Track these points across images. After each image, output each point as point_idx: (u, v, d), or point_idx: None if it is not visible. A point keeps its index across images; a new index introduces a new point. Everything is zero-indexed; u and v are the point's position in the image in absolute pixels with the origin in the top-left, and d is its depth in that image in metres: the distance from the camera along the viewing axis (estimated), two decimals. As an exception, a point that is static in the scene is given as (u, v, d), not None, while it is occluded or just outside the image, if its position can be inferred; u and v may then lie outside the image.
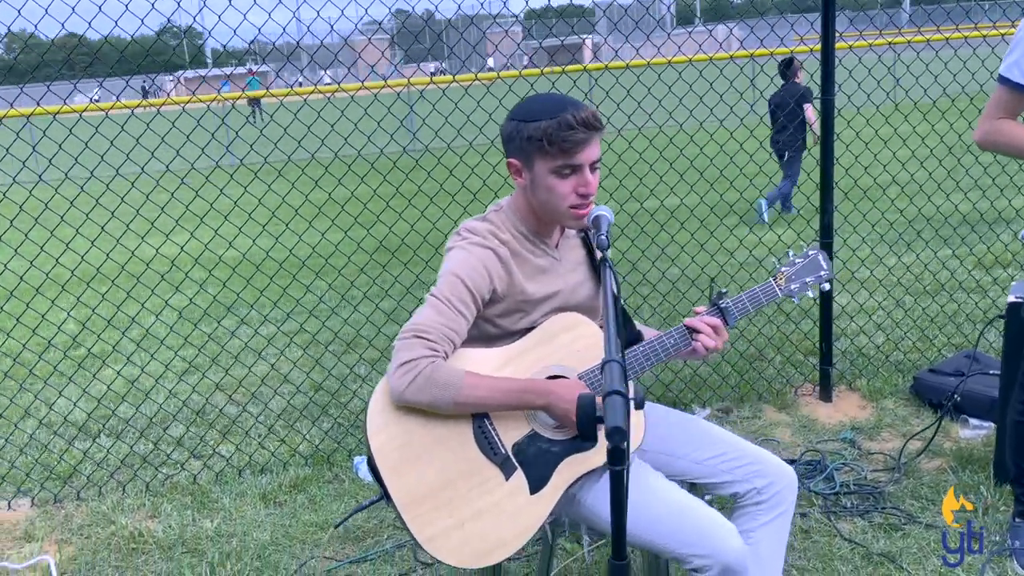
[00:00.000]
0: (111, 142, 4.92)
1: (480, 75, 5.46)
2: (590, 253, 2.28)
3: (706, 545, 1.96)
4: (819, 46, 3.76)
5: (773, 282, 2.26)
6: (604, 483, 2.09)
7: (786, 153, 8.22)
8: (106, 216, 4.61)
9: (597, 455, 2.06)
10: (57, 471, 3.91)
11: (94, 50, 4.51)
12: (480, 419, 2.02)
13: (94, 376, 5.15)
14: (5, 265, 4.86)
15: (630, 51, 4.65)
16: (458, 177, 4.69)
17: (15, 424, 4.36)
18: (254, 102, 22.56)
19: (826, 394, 4.12)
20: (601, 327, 2.34)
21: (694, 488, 2.31)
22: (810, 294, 2.32)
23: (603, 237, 1.87)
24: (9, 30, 3.57)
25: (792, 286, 2.28)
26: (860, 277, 5.66)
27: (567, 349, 2.09)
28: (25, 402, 4.71)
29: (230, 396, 4.49)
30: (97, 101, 4.61)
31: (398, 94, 5.40)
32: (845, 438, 3.73)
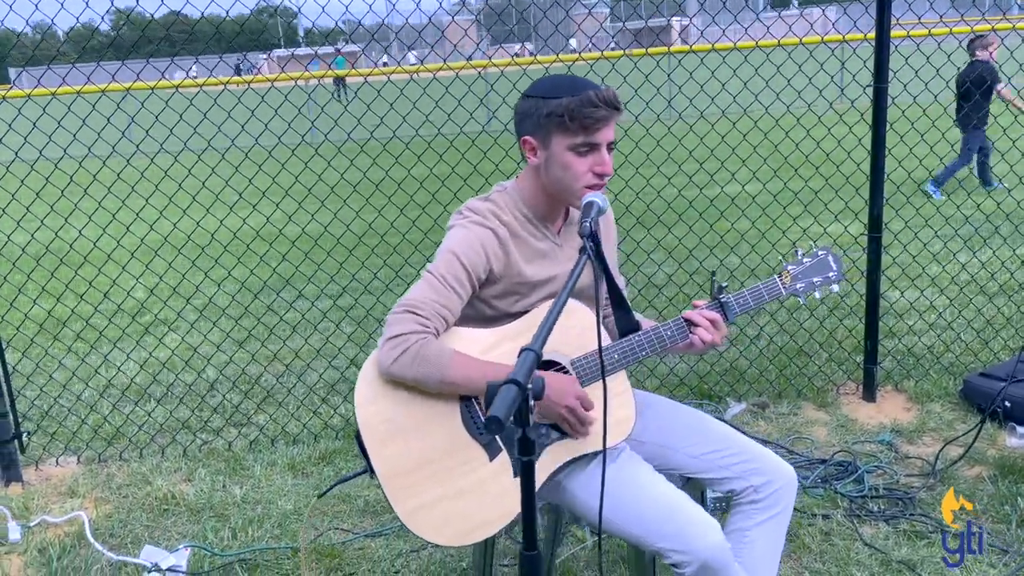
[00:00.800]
0: (204, 114, 5.10)
1: (562, 56, 5.39)
2: (594, 240, 2.25)
3: (684, 540, 1.92)
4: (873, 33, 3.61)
5: (778, 279, 2.19)
6: (591, 471, 2.07)
7: (967, 130, 8.03)
8: (190, 187, 4.77)
9: (585, 443, 2.05)
10: (104, 432, 4.09)
11: (192, 27, 4.67)
12: (467, 398, 2.02)
13: (160, 341, 5.35)
14: (80, 231, 5.10)
15: (719, 33, 4.53)
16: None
17: (62, 385, 4.58)
18: (339, 80, 22.95)
19: (869, 394, 3.98)
20: (606, 316, 2.32)
21: (689, 483, 2.28)
22: (817, 295, 2.25)
23: (587, 224, 1.84)
24: (113, 5, 3.73)
25: (798, 285, 2.21)
26: (911, 274, 5.43)
27: (561, 335, 2.07)
28: (90, 363, 4.93)
29: (264, 367, 4.61)
30: (194, 77, 4.78)
31: (479, 73, 5.41)
32: (883, 440, 3.61)
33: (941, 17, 4.17)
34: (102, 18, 4.08)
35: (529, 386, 1.02)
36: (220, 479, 3.61)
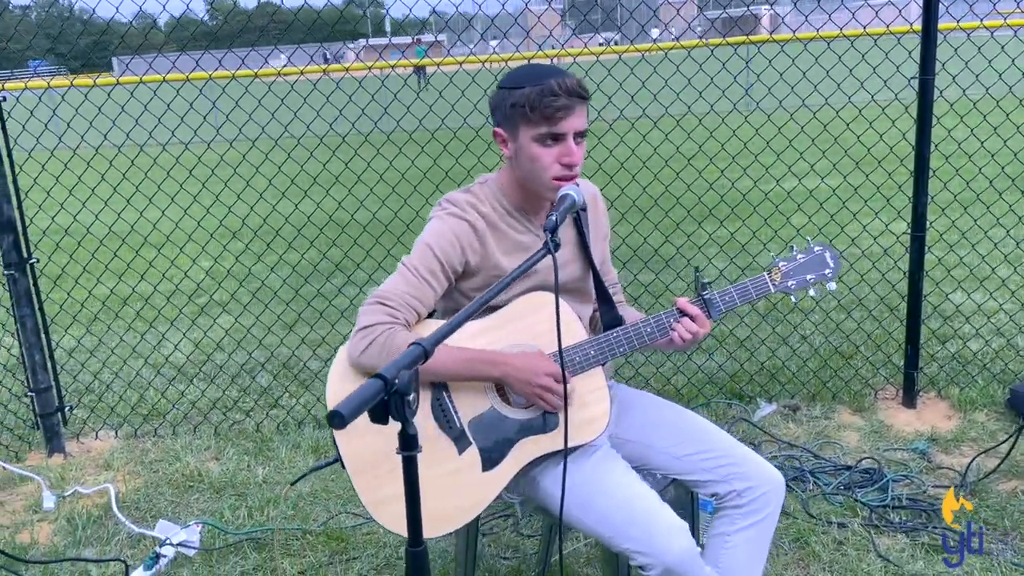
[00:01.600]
0: (294, 110, 5.22)
1: (639, 46, 5.26)
2: (582, 234, 2.22)
3: (649, 543, 1.88)
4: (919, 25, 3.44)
5: (767, 276, 2.12)
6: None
7: None
8: (266, 173, 4.90)
9: (556, 438, 2.02)
10: (142, 409, 4.24)
11: (287, 19, 4.81)
12: (439, 391, 2.02)
13: (215, 321, 5.51)
14: (140, 213, 5.29)
15: (808, 25, 4.36)
16: (606, 146, 4.62)
17: (119, 361, 4.76)
18: (419, 70, 23.16)
19: (909, 400, 3.82)
20: (598, 311, 2.28)
21: (676, 484, 2.23)
22: (812, 293, 2.16)
23: (552, 217, 1.80)
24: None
25: (789, 283, 2.13)
26: (958, 276, 5.17)
27: (536, 329, 2.05)
28: (133, 342, 5.12)
29: (313, 351, 4.70)
30: (287, 66, 4.90)
31: (558, 62, 5.36)
32: (916, 448, 3.46)
33: (995, 5, 3.93)
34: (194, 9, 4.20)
35: (396, 380, 1.01)
36: (246, 459, 3.70)
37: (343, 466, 2.03)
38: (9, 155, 3.59)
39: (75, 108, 4.08)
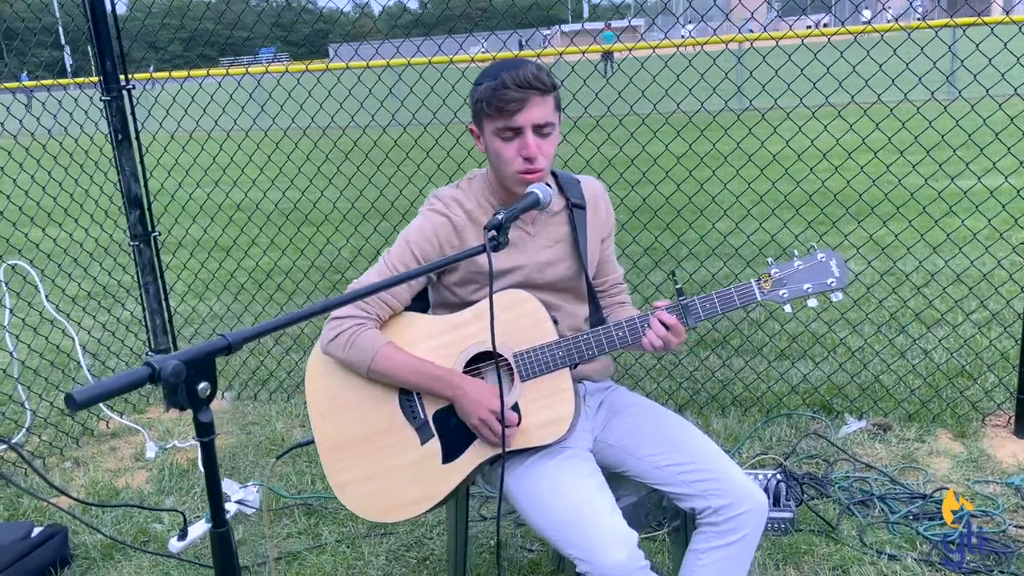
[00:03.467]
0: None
1: (849, 28, 4.92)
2: (575, 232, 2.18)
3: (588, 551, 1.84)
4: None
5: (754, 284, 1.99)
6: (528, 465, 2.04)
7: None
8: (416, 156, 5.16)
9: (519, 436, 2.02)
10: (259, 376, 4.57)
11: (484, 5, 5.04)
12: (407, 382, 2.07)
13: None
14: (284, 193, 5.69)
15: None
16: (782, 136, 4.49)
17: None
18: (607, 55, 23.05)
19: (1022, 429, 3.44)
20: (595, 306, 2.24)
21: (655, 493, 2.16)
22: (811, 303, 2.01)
23: (498, 216, 1.79)
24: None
25: (780, 291, 1.99)
26: None
27: (508, 327, 2.05)
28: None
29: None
30: (484, 51, 5.11)
31: (745, 46, 5.15)
32: (1012, 484, 3.11)
33: None
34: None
35: (159, 369, 1.06)
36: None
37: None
38: (137, 138, 3.97)
39: (288, 92, 4.41)
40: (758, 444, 3.51)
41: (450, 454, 2.04)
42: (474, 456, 2.03)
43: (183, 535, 3.04)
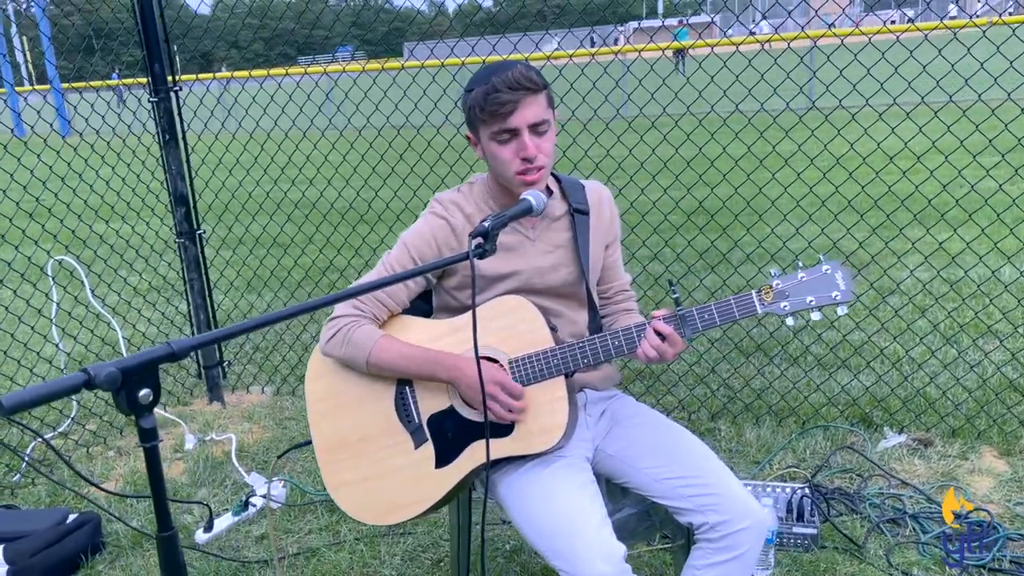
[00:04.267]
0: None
1: (918, 25, 4.67)
2: (577, 237, 2.15)
3: (570, 562, 1.82)
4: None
5: (755, 295, 1.93)
6: (521, 472, 2.03)
7: None
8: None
9: (510, 443, 2.00)
10: (299, 372, 4.65)
11: (560, 3, 5.05)
12: (402, 385, 2.08)
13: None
14: (339, 192, 5.76)
15: None
16: (846, 138, 4.41)
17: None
18: (679, 52, 22.73)
19: (1074, 449, 3.27)
20: (603, 317, 2.21)
21: (654, 507, 2.12)
22: (815, 316, 1.94)
23: (484, 223, 1.77)
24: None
25: (782, 303, 1.92)
26: None
27: (503, 333, 2.04)
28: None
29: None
30: (557, 50, 5.08)
31: (834, 42, 4.99)
32: (1056, 506, 2.96)
33: None
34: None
35: (93, 376, 1.08)
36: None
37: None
38: (184, 138, 4.08)
39: (364, 92, 4.49)
40: (791, 456, 3.41)
41: (444, 457, 2.03)
42: (469, 461, 2.02)
43: (209, 527, 3.12)
